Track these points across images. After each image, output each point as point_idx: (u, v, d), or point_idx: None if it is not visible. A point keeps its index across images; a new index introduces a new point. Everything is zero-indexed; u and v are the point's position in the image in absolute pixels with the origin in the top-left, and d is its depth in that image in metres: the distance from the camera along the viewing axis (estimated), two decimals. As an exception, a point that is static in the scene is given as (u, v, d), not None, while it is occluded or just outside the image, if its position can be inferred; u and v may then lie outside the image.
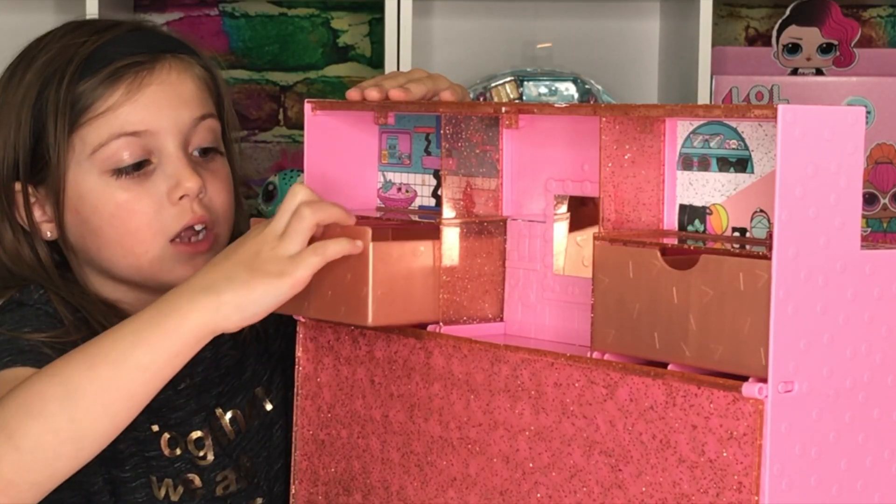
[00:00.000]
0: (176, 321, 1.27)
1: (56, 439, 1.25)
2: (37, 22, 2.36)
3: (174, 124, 1.52)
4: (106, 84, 1.51)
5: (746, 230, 1.19)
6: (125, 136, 1.50)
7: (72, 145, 1.51)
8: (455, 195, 1.35)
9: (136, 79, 1.51)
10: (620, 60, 2.45)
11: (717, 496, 1.11)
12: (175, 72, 1.54)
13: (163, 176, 1.51)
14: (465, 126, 1.34)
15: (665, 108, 1.18)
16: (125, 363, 1.26)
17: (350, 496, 1.40)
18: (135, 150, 1.50)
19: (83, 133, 1.51)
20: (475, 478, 1.29)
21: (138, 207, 1.50)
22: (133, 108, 1.51)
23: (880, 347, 1.14)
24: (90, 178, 1.51)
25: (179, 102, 1.53)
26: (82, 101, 1.51)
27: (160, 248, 1.51)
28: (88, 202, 1.52)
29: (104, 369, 1.26)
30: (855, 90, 2.12)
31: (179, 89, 1.54)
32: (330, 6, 2.48)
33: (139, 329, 1.28)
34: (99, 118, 1.51)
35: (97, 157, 1.51)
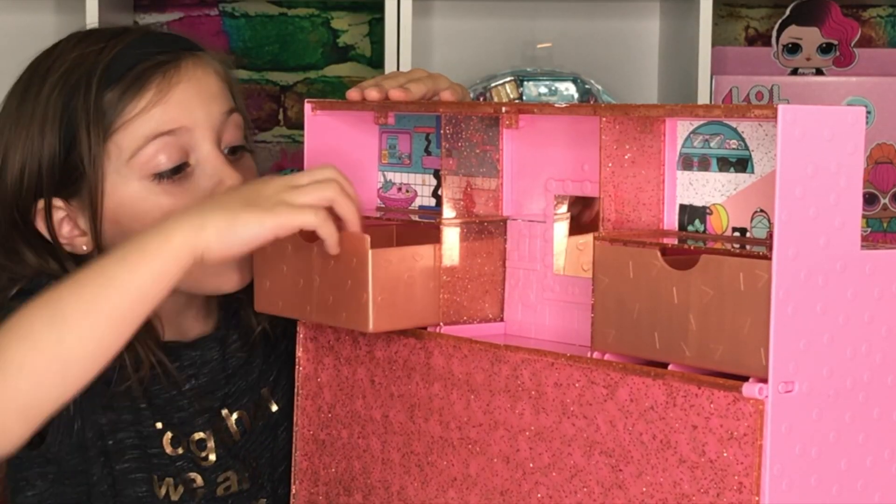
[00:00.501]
0: (159, 241, 1.26)
1: (42, 360, 1.24)
2: (37, 22, 2.37)
3: (207, 119, 1.52)
4: (135, 88, 1.50)
5: (746, 230, 1.19)
6: (161, 137, 1.49)
7: (107, 153, 1.50)
8: (455, 195, 1.35)
9: (165, 78, 1.51)
10: (620, 60, 2.45)
11: (717, 496, 1.11)
12: (199, 68, 1.54)
13: (203, 176, 1.50)
14: (465, 126, 1.34)
15: (665, 108, 1.18)
16: (110, 284, 1.25)
17: (350, 496, 1.40)
18: (172, 153, 1.49)
19: (117, 139, 1.50)
20: (475, 478, 1.29)
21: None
22: (165, 108, 1.50)
23: (880, 347, 1.14)
24: (130, 185, 1.50)
25: (209, 97, 1.53)
26: (113, 108, 1.50)
27: None
28: (129, 210, 1.50)
29: (89, 290, 1.25)
30: (855, 90, 2.12)
31: (206, 85, 1.54)
32: (330, 6, 2.48)
33: (125, 252, 1.27)
34: (132, 122, 1.49)
35: (135, 162, 1.49)
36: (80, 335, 1.24)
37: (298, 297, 1.37)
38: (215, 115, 1.53)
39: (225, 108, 1.54)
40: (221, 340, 1.58)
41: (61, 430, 1.46)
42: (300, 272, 1.36)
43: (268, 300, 1.41)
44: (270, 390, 1.60)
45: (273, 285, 1.40)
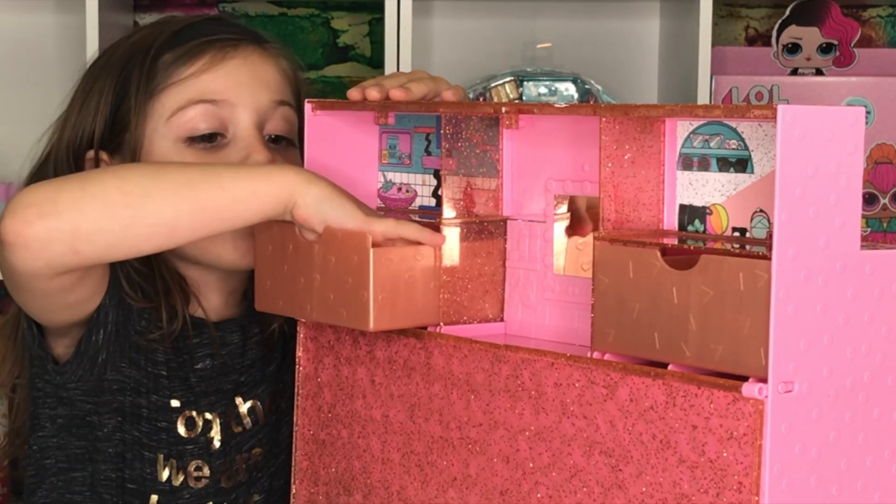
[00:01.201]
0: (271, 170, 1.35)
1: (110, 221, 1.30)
2: (37, 22, 2.37)
3: (252, 100, 1.54)
4: (190, 55, 1.55)
5: (746, 230, 1.19)
6: (203, 103, 1.53)
7: (151, 110, 1.54)
8: (455, 195, 1.35)
9: (220, 52, 1.55)
10: (620, 60, 2.45)
11: (717, 496, 1.11)
12: (258, 54, 1.58)
13: (235, 149, 1.53)
14: (465, 126, 1.34)
15: (665, 109, 1.18)
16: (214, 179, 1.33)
17: (350, 496, 1.40)
18: (211, 121, 1.53)
19: (162, 98, 1.54)
20: (475, 478, 1.29)
21: None
22: (214, 77, 1.54)
23: (880, 347, 1.14)
24: (165, 144, 1.54)
25: (260, 82, 1.56)
26: (165, 70, 1.54)
27: None
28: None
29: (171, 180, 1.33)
30: (855, 90, 2.12)
31: (261, 70, 1.57)
32: (330, 6, 2.48)
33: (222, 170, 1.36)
34: (179, 84, 1.54)
35: (174, 122, 1.53)
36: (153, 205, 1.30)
37: (299, 296, 1.37)
38: (262, 101, 1.55)
39: (276, 98, 1.57)
40: (244, 328, 1.59)
41: (86, 357, 1.49)
42: (301, 271, 1.36)
43: (268, 299, 1.41)
44: (284, 387, 1.60)
45: (274, 284, 1.40)
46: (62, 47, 2.34)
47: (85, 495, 1.53)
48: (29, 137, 1.66)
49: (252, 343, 1.59)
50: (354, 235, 1.30)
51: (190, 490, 1.54)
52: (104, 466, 1.52)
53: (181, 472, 1.54)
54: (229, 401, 1.56)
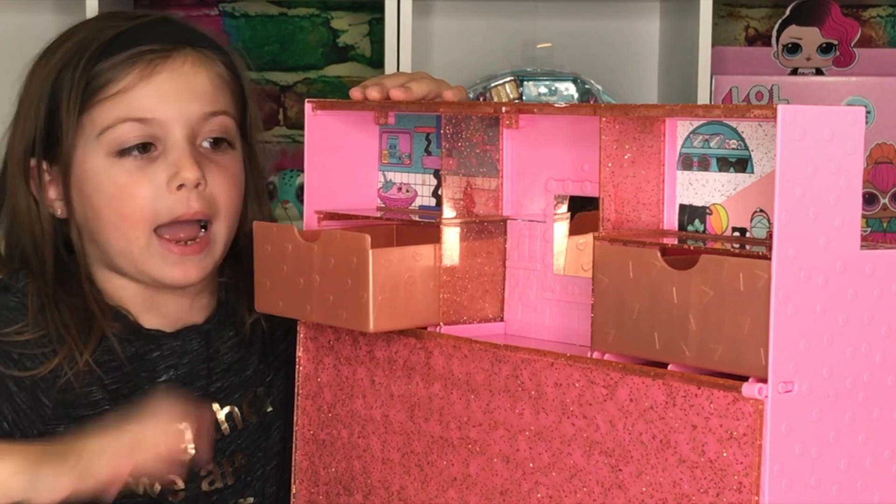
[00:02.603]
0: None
1: None
2: (37, 22, 2.37)
3: (182, 115, 1.53)
4: (120, 67, 1.53)
5: (746, 230, 1.19)
6: (131, 122, 1.52)
7: (82, 125, 1.53)
8: (455, 195, 1.35)
9: (149, 66, 1.53)
10: (620, 60, 2.45)
11: (717, 496, 1.11)
12: (190, 64, 1.56)
13: (165, 163, 1.52)
14: (465, 126, 1.34)
15: (665, 108, 1.18)
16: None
17: (351, 496, 1.40)
18: (139, 137, 1.52)
19: (93, 113, 1.53)
20: (475, 478, 1.29)
21: (136, 192, 1.52)
22: (143, 93, 1.53)
23: (880, 347, 1.14)
24: (96, 159, 1.53)
25: (190, 95, 1.54)
26: (95, 82, 1.53)
27: (147, 235, 1.51)
28: (92, 182, 1.53)
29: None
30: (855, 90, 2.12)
31: (192, 81, 1.55)
32: (330, 6, 2.48)
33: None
34: (109, 100, 1.52)
35: (104, 139, 1.52)
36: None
37: (298, 296, 1.37)
38: (193, 113, 1.53)
39: (207, 110, 1.54)
40: (207, 333, 1.58)
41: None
42: (300, 272, 1.36)
43: (268, 300, 1.41)
44: (266, 390, 1.60)
45: (273, 285, 1.40)
46: (62, 47, 2.34)
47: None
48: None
49: (226, 347, 1.58)
50: (354, 237, 1.30)
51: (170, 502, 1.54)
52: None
53: (157, 484, 1.53)
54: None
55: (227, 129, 1.57)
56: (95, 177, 1.53)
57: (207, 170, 1.53)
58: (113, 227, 1.53)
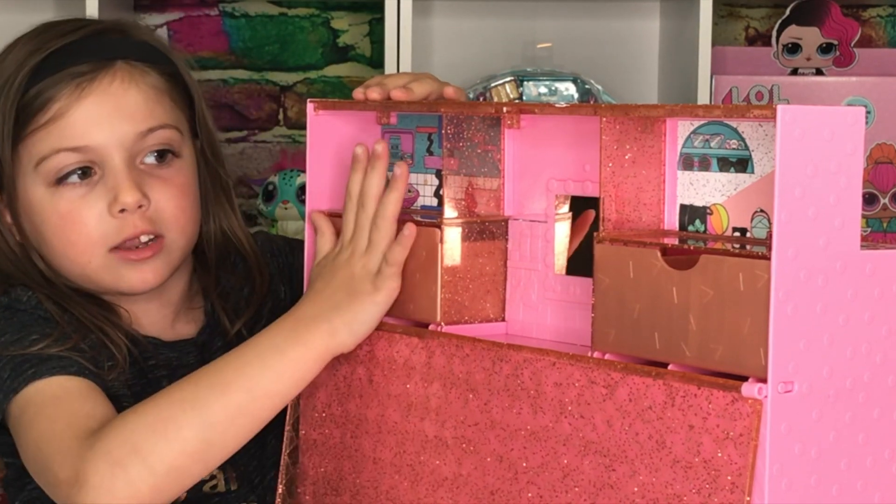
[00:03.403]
0: (300, 350, 1.35)
1: (189, 461, 1.32)
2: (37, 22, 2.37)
3: (115, 138, 1.50)
4: (48, 94, 1.50)
5: (747, 230, 1.19)
6: (65, 151, 1.49)
7: (18, 155, 1.51)
8: (457, 195, 1.35)
9: (77, 89, 1.50)
10: (620, 60, 2.46)
11: (709, 496, 1.11)
12: (118, 81, 1.52)
13: (104, 189, 1.50)
14: (466, 126, 1.34)
15: (665, 109, 1.18)
16: (256, 390, 1.33)
17: (338, 496, 1.40)
18: (75, 165, 1.50)
19: (28, 144, 1.51)
20: (467, 477, 1.29)
21: (79, 218, 1.50)
22: (73, 121, 1.50)
23: (880, 347, 1.14)
24: (37, 190, 1.51)
25: (120, 115, 1.51)
26: (26, 112, 1.50)
27: (101, 257, 1.50)
28: (37, 212, 1.52)
29: (237, 396, 1.33)
30: (855, 90, 2.12)
31: (122, 101, 1.51)
32: (330, 6, 2.48)
33: (264, 356, 1.35)
34: (42, 130, 1.50)
35: (41, 170, 1.50)
36: (227, 438, 1.34)
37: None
38: (126, 135, 1.50)
39: (142, 128, 1.51)
40: (202, 346, 1.58)
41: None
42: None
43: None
44: None
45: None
46: (62, 47, 2.34)
47: None
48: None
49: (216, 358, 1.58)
50: (423, 231, 1.34)
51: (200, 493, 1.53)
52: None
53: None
54: None
55: (169, 141, 1.53)
56: (39, 207, 1.51)
57: (150, 187, 1.51)
58: (62, 254, 1.52)
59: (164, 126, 1.53)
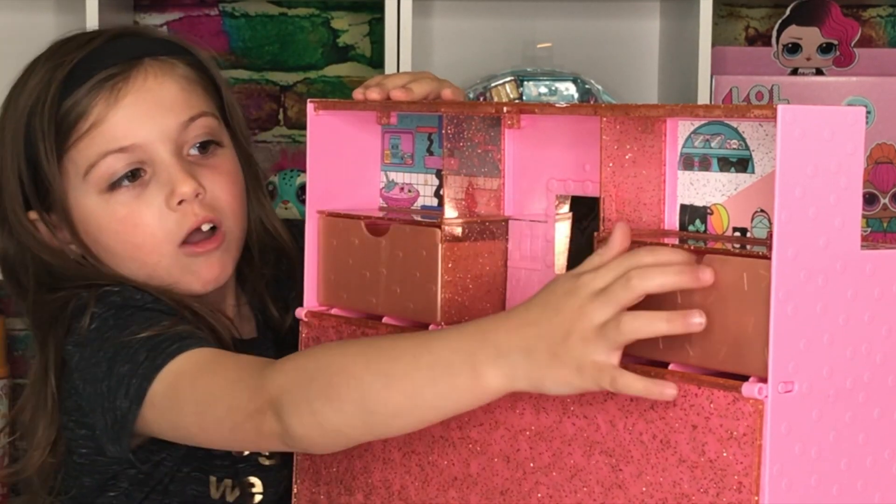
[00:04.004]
0: (471, 381, 1.19)
1: (356, 431, 1.25)
2: (37, 22, 2.37)
3: (160, 132, 1.51)
4: (85, 102, 1.50)
5: (747, 230, 1.19)
6: (112, 154, 1.50)
7: (65, 169, 1.51)
8: (457, 195, 1.35)
9: (113, 91, 1.51)
10: (620, 60, 2.45)
11: (717, 496, 1.11)
12: (152, 77, 1.53)
13: (158, 185, 1.50)
14: (466, 126, 1.34)
15: (665, 108, 1.18)
16: (419, 398, 1.22)
17: (352, 496, 1.40)
18: (125, 166, 1.50)
19: (73, 155, 1.51)
20: (476, 477, 1.29)
21: (140, 220, 1.50)
22: (115, 123, 1.50)
23: (881, 347, 1.14)
24: (90, 200, 1.51)
25: (161, 109, 1.52)
26: (66, 123, 1.51)
27: (171, 254, 1.51)
28: (93, 223, 1.52)
29: (398, 398, 1.22)
30: (855, 90, 2.12)
31: (159, 95, 1.53)
32: (330, 6, 2.48)
33: (434, 370, 1.21)
34: (85, 137, 1.50)
35: (91, 178, 1.51)
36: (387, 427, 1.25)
37: (364, 290, 1.37)
38: (170, 127, 1.52)
39: (184, 118, 1.53)
40: (278, 343, 1.58)
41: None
42: (366, 265, 1.36)
43: (332, 293, 1.40)
44: None
45: (337, 278, 1.40)
46: (62, 47, 2.34)
47: None
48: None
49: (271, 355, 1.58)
50: (423, 231, 1.31)
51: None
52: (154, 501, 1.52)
53: (237, 489, 1.53)
54: None
55: (211, 129, 1.55)
56: (94, 217, 1.52)
57: (202, 176, 1.52)
58: (130, 259, 1.52)
59: (204, 114, 1.55)
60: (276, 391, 1.26)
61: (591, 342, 1.12)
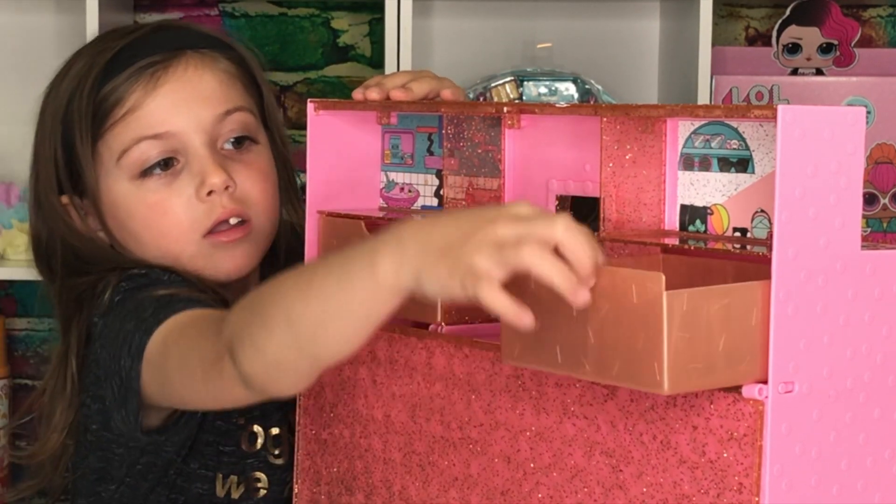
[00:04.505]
0: (368, 273, 1.14)
1: (290, 355, 1.20)
2: (37, 22, 2.37)
3: (195, 122, 1.52)
4: (123, 88, 1.52)
5: (747, 230, 1.19)
6: (146, 140, 1.51)
7: (99, 154, 1.53)
8: (457, 195, 1.35)
9: (152, 79, 1.52)
10: (620, 60, 2.45)
11: (717, 497, 1.11)
12: (192, 68, 1.55)
13: (189, 174, 1.52)
14: (467, 126, 1.34)
15: (666, 109, 1.18)
16: (330, 303, 1.16)
17: (353, 496, 1.40)
18: (158, 154, 1.51)
19: (108, 140, 1.52)
20: (476, 478, 1.29)
21: (168, 207, 1.52)
22: (151, 110, 1.52)
23: (881, 348, 1.14)
24: (121, 185, 1.53)
25: (198, 100, 1.54)
26: (103, 108, 1.52)
27: (195, 243, 1.52)
28: (123, 208, 1.53)
29: (315, 306, 1.17)
30: (855, 90, 2.12)
31: (198, 86, 1.54)
32: (330, 6, 2.48)
33: (342, 268, 1.16)
34: (120, 123, 1.52)
35: (124, 163, 1.52)
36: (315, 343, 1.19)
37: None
38: (206, 118, 1.53)
39: (220, 110, 1.54)
40: None
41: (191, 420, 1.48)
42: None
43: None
44: None
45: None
46: (62, 47, 2.34)
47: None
48: (29, 138, 1.66)
49: None
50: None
51: (250, 502, 1.54)
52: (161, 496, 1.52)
53: (241, 485, 1.53)
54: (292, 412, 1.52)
55: (247, 125, 1.57)
56: (124, 202, 1.53)
57: (234, 170, 1.53)
58: (155, 246, 1.53)
59: (241, 108, 1.56)
60: (228, 334, 1.25)
61: (483, 250, 1.08)
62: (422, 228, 1.13)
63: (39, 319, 2.40)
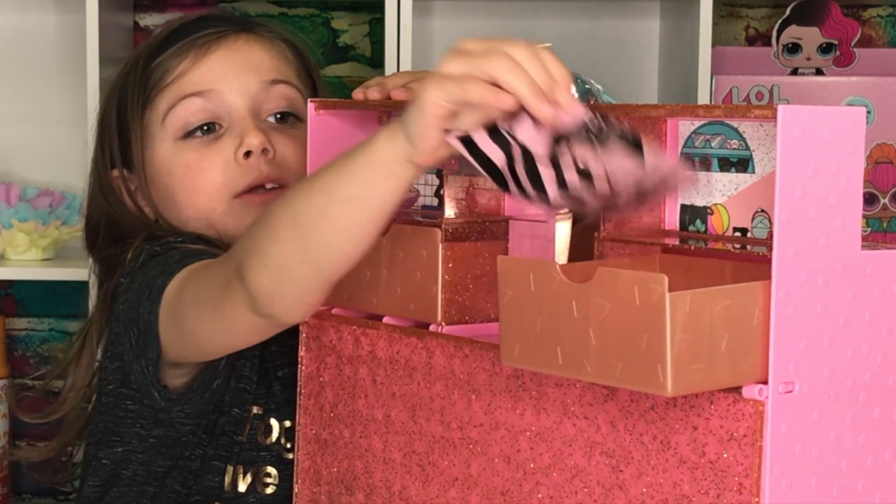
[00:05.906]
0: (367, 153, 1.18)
1: (294, 262, 1.22)
2: (37, 22, 2.37)
3: (240, 86, 1.56)
4: (175, 56, 1.56)
5: (747, 230, 1.19)
6: (190, 97, 1.55)
7: (148, 119, 1.56)
8: (457, 195, 1.35)
9: (203, 47, 1.56)
10: (620, 60, 2.45)
11: (717, 497, 1.11)
12: (244, 41, 1.59)
13: (231, 137, 1.56)
14: (466, 126, 1.34)
15: (666, 109, 1.18)
16: (333, 192, 1.19)
17: (353, 496, 1.40)
18: (202, 113, 1.55)
19: (155, 103, 1.56)
20: (477, 478, 1.29)
21: (206, 165, 1.55)
22: (199, 71, 1.56)
23: (881, 348, 1.14)
24: (164, 146, 1.56)
25: (247, 66, 1.57)
26: (154, 76, 1.56)
27: (226, 202, 1.55)
28: (164, 169, 1.56)
29: (317, 197, 1.20)
30: (855, 90, 2.12)
31: (248, 55, 1.58)
32: (330, 6, 2.48)
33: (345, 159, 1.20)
34: (168, 87, 1.56)
35: (167, 123, 1.55)
36: (319, 243, 1.21)
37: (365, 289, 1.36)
38: (251, 84, 1.56)
39: (266, 78, 1.57)
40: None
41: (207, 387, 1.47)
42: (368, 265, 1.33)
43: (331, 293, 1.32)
44: None
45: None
46: (62, 47, 2.34)
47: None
48: (29, 137, 1.66)
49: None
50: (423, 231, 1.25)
51: (256, 495, 1.54)
52: (175, 481, 1.52)
53: (248, 475, 1.53)
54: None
55: (293, 101, 1.59)
56: (166, 162, 1.55)
57: (274, 138, 1.56)
58: (189, 204, 1.55)
59: (288, 83, 1.59)
60: (237, 252, 1.28)
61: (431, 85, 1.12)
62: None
63: (39, 319, 2.40)
